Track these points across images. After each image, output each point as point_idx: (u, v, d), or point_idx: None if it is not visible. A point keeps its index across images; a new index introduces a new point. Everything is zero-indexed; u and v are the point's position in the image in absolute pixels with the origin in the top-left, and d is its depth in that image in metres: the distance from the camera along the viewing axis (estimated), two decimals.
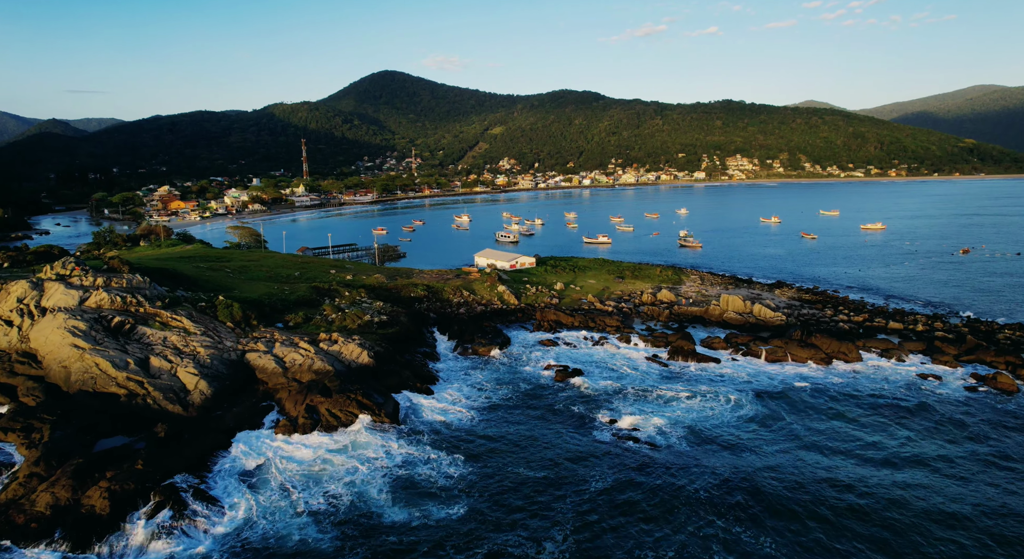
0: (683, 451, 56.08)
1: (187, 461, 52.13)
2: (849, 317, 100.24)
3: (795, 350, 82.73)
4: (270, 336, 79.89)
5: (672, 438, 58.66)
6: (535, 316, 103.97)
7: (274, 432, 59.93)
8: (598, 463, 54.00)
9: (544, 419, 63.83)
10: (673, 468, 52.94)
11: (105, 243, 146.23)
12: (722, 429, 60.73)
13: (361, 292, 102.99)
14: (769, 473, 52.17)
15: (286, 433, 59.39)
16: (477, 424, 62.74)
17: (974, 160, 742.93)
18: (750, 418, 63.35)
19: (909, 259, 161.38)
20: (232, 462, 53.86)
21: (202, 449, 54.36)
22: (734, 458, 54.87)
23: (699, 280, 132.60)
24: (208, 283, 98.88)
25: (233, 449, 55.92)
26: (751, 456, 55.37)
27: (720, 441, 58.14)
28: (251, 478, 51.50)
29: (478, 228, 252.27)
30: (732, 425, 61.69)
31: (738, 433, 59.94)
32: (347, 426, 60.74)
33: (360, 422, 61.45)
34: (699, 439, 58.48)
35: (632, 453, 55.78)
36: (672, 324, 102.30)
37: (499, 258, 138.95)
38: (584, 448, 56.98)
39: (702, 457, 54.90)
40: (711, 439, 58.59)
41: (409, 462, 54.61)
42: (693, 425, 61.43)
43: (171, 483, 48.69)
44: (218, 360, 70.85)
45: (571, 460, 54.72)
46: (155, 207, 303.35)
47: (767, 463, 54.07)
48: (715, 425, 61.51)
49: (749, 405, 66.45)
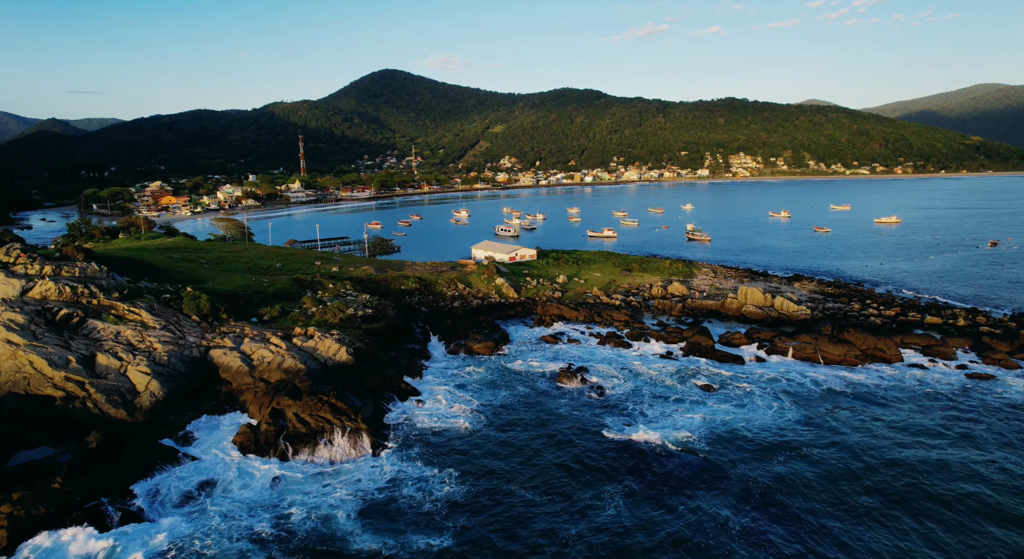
0: (713, 466, 47.46)
1: (120, 478, 43.64)
2: (880, 311, 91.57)
3: (826, 347, 74.07)
4: (240, 331, 71.46)
5: (698, 449, 50.05)
6: (536, 310, 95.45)
7: (232, 440, 51.46)
8: (612, 483, 45.39)
9: (546, 427, 55.28)
10: (703, 488, 44.36)
11: (81, 235, 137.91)
12: (756, 439, 52.10)
13: (346, 284, 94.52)
14: (826, 497, 43.55)
15: (246, 442, 50.90)
16: (470, 433, 54.23)
17: (981, 157, 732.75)
18: (787, 426, 54.70)
19: (934, 252, 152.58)
20: (175, 479, 45.32)
21: (141, 463, 45.82)
22: (777, 476, 46.21)
23: (711, 273, 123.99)
24: (179, 274, 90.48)
25: (179, 462, 47.39)
26: (797, 472, 46.72)
27: (757, 454, 49.49)
28: (196, 498, 42.99)
29: (477, 223, 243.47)
30: (767, 434, 53.06)
31: (776, 444, 51.28)
32: (317, 434, 52.22)
33: (333, 430, 52.94)
34: (731, 451, 49.84)
35: (652, 470, 47.18)
36: (686, 319, 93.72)
37: (498, 250, 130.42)
38: (595, 463, 48.39)
39: (738, 475, 46.26)
40: (745, 452, 49.93)
41: (389, 479, 46.14)
42: (722, 434, 52.82)
43: (95, 505, 40.19)
44: (177, 357, 62.42)
45: (580, 478, 46.14)
46: (146, 202, 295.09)
47: (821, 486, 45.42)
48: (748, 435, 52.86)
49: (783, 410, 57.86)
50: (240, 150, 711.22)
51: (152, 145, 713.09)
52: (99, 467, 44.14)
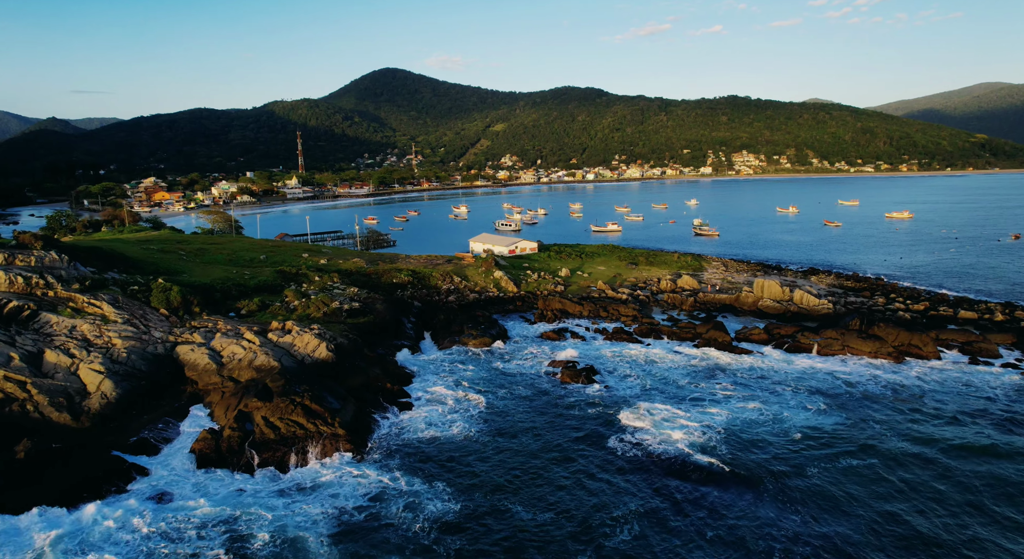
0: (742, 479, 41.07)
1: (46, 499, 37.25)
2: (907, 306, 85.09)
3: (854, 343, 67.61)
4: (212, 325, 65.21)
5: (723, 459, 43.63)
6: (537, 305, 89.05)
7: (189, 449, 45.13)
8: (625, 498, 39.02)
9: (550, 433, 48.89)
10: (732, 508, 37.98)
11: (60, 228, 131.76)
12: (787, 446, 45.67)
13: (334, 277, 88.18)
14: (876, 519, 37.16)
15: (206, 450, 44.58)
16: (465, 440, 47.85)
17: (987, 155, 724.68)
18: (822, 430, 48.26)
19: (953, 245, 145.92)
20: (115, 497, 38.99)
21: (76, 480, 39.46)
22: (818, 492, 39.82)
23: (722, 267, 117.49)
24: (153, 265, 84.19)
25: (124, 478, 40.99)
26: (840, 487, 40.33)
27: (789, 464, 43.09)
28: (139, 516, 36.65)
29: (477, 218, 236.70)
30: (799, 439, 46.62)
31: (811, 452, 44.83)
32: (288, 441, 45.87)
33: (306, 436, 46.60)
34: (760, 461, 43.43)
35: (670, 485, 40.81)
36: (698, 314, 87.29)
37: (497, 243, 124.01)
38: (605, 476, 42.02)
39: (772, 491, 39.89)
40: (777, 461, 43.50)
41: (370, 495, 39.81)
42: (747, 440, 46.41)
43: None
44: (138, 354, 56.13)
45: (589, 494, 39.76)
46: (138, 198, 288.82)
47: (869, 505, 39.02)
48: (776, 440, 46.44)
49: (815, 412, 51.42)
50: (240, 149, 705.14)
51: (152, 144, 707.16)
52: (23, 485, 37.82)
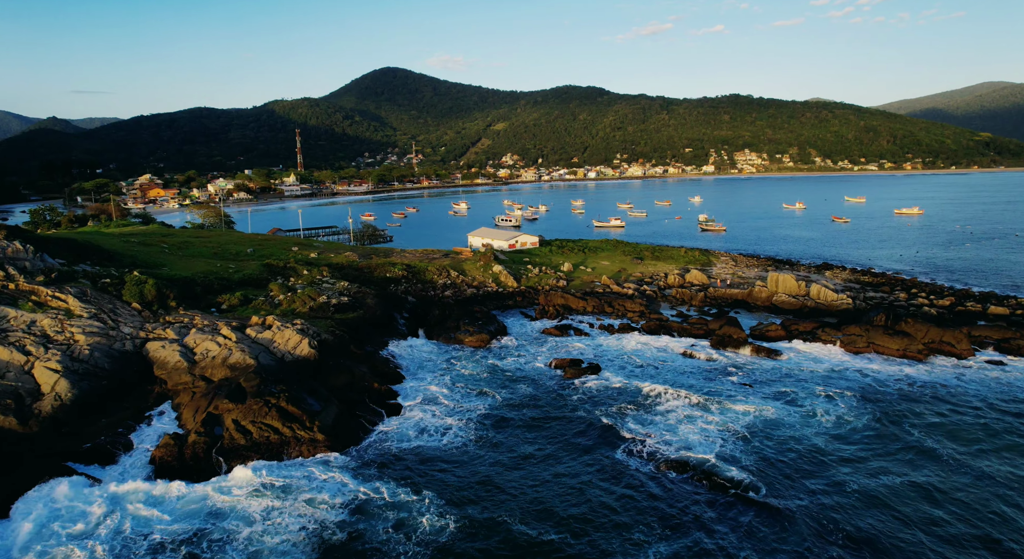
0: (769, 492, 36.21)
1: None
2: (931, 301, 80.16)
3: (881, 340, 62.72)
4: (188, 321, 60.43)
5: (746, 468, 38.78)
6: (538, 300, 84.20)
7: (150, 457, 40.37)
8: (642, 516, 34.15)
9: (555, 438, 44.07)
10: (760, 530, 33.11)
11: (44, 222, 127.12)
12: (817, 453, 40.82)
13: (323, 271, 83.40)
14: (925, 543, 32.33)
15: (167, 457, 39.82)
16: (459, 446, 43.05)
17: (991, 153, 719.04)
18: (855, 435, 43.40)
19: (969, 241, 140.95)
20: (54, 518, 34.22)
21: (12, 491, 34.70)
22: (861, 514, 34.97)
23: (731, 262, 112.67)
24: (131, 258, 79.44)
25: (66, 495, 36.19)
26: (883, 507, 35.48)
27: (823, 476, 38.25)
28: (78, 540, 31.87)
29: (477, 214, 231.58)
30: (831, 446, 41.77)
31: (846, 461, 39.98)
32: (261, 447, 41.12)
33: (282, 441, 41.84)
34: (791, 473, 38.57)
35: (690, 497, 35.96)
36: (709, 309, 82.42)
37: (496, 237, 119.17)
38: (614, 486, 37.21)
39: (807, 507, 35.05)
40: (809, 473, 38.66)
41: (352, 507, 35.01)
42: (773, 447, 41.55)
43: None
44: (103, 351, 51.36)
45: (598, 507, 34.94)
46: (133, 195, 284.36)
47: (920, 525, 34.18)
48: (804, 448, 41.55)
49: (846, 415, 46.53)
50: (240, 148, 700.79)
51: (151, 143, 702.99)
52: None
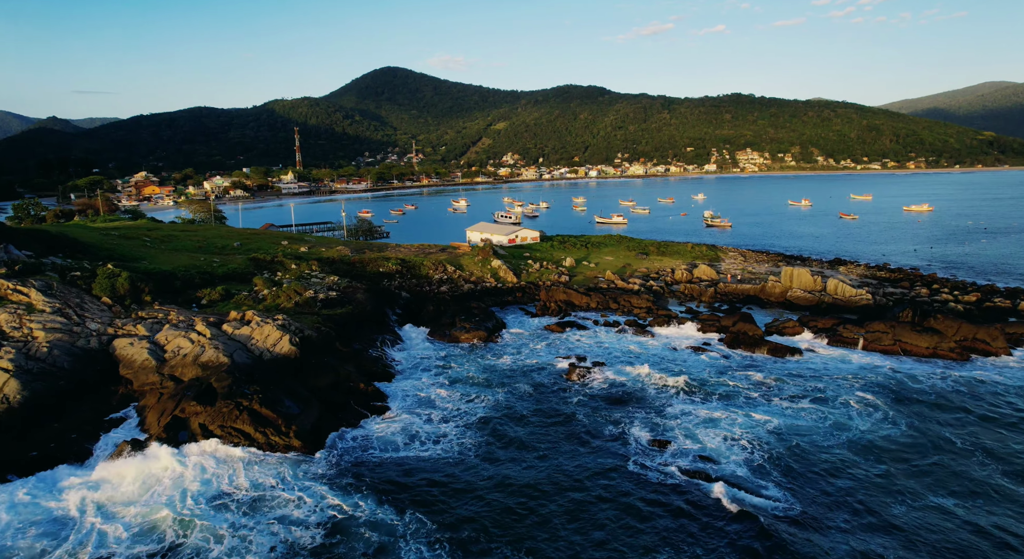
0: (806, 514, 31.84)
1: None
2: (956, 296, 75.75)
3: (908, 337, 58.33)
4: (163, 316, 56.15)
5: (777, 482, 34.43)
6: (539, 296, 79.84)
7: (109, 462, 36.10)
8: (657, 540, 29.76)
9: (558, 446, 39.72)
10: (792, 545, 28.74)
11: (28, 217, 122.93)
12: (857, 467, 36.47)
13: (312, 265, 79.11)
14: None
15: (127, 466, 35.55)
16: (452, 456, 38.69)
17: (995, 152, 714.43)
18: (893, 446, 39.05)
19: (985, 236, 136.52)
20: None
21: None
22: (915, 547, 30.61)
23: (740, 257, 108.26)
24: (108, 251, 75.19)
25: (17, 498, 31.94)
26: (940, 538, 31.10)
27: (867, 496, 33.89)
28: None
29: (477, 212, 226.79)
30: (868, 458, 37.41)
31: (891, 480, 35.59)
32: (232, 454, 36.83)
33: (252, 448, 37.55)
34: (831, 491, 34.22)
35: (717, 517, 31.58)
36: (719, 305, 78.05)
37: (496, 232, 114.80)
38: (627, 500, 32.83)
39: (851, 532, 30.66)
40: (851, 491, 34.29)
41: (328, 525, 30.69)
42: (805, 458, 37.20)
43: None
44: (64, 349, 47.07)
45: (615, 532, 30.55)
46: (128, 192, 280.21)
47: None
48: (842, 460, 37.17)
49: (879, 420, 42.19)
50: (240, 147, 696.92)
51: (151, 142, 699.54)
52: None
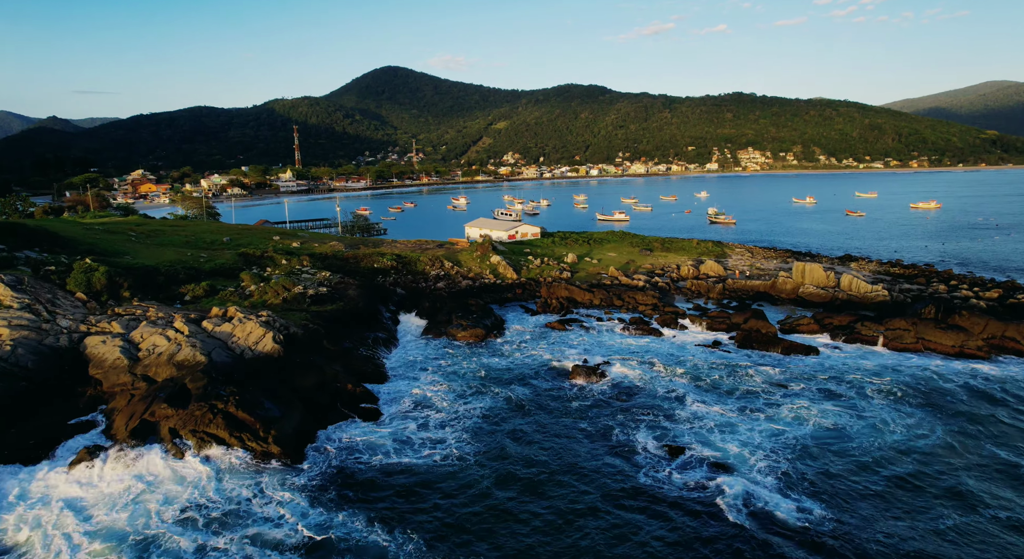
0: (831, 519, 28.52)
1: None
2: (976, 293, 72.43)
3: (932, 335, 55.03)
4: (142, 313, 52.90)
5: (800, 490, 31.08)
6: (540, 293, 76.54)
7: (63, 472, 32.87)
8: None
9: (560, 452, 36.42)
10: None
11: (15, 213, 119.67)
12: (889, 473, 33.14)
13: (304, 260, 75.87)
14: None
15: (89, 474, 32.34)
16: (446, 465, 35.37)
17: (998, 151, 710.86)
18: (934, 457, 35.74)
19: (997, 233, 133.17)
20: None
21: None
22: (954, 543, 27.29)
23: (747, 253, 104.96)
24: (89, 246, 71.95)
25: None
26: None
27: (895, 504, 30.54)
28: None
29: (477, 209, 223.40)
30: (908, 471, 34.08)
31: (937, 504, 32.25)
32: (204, 463, 33.56)
33: (227, 456, 34.25)
34: (856, 497, 30.87)
35: (734, 529, 28.25)
36: (728, 302, 74.76)
37: (495, 228, 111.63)
38: (640, 518, 29.51)
39: (877, 537, 27.34)
40: (897, 517, 30.94)
41: (308, 544, 27.38)
42: (838, 471, 33.86)
43: None
44: (29, 347, 43.82)
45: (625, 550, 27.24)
46: (125, 190, 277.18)
47: None
48: (881, 477, 33.75)
49: (915, 426, 38.88)
50: (240, 147, 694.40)
51: (151, 142, 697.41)
52: None
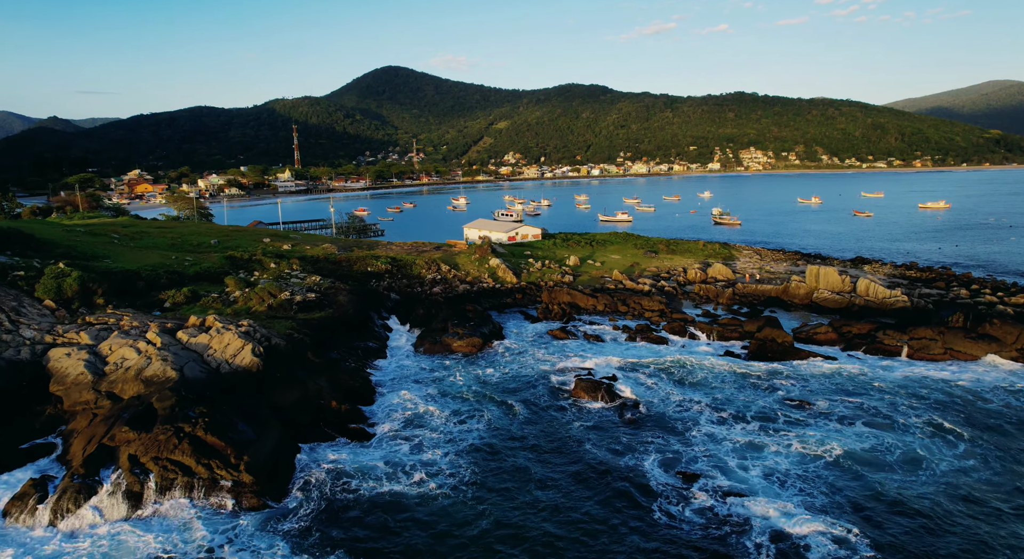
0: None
1: None
2: (1001, 298, 68.79)
3: (961, 345, 51.48)
4: (115, 321, 49.41)
5: (838, 525, 27.47)
6: (540, 297, 72.97)
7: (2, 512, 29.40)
8: None
9: (563, 479, 32.83)
10: None
11: (1, 213, 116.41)
12: (940, 509, 29.55)
13: (294, 264, 72.32)
14: None
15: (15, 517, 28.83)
16: (441, 493, 31.84)
17: (1002, 151, 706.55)
18: (985, 483, 32.16)
19: (1014, 234, 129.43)
20: None
21: None
22: None
23: (756, 256, 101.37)
24: (67, 248, 68.50)
25: None
26: None
27: (950, 544, 26.96)
28: None
29: (477, 209, 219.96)
30: (956, 498, 30.50)
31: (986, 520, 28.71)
32: (165, 493, 30.04)
33: (192, 486, 30.68)
34: (905, 537, 27.27)
35: None
36: (739, 308, 71.16)
37: (495, 229, 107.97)
38: None
39: None
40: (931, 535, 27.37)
41: None
42: (869, 497, 30.25)
43: None
44: None
45: None
46: (121, 190, 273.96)
47: None
48: (918, 499, 30.23)
49: (963, 452, 35.32)
50: (240, 146, 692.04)
51: (151, 141, 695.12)
52: None
